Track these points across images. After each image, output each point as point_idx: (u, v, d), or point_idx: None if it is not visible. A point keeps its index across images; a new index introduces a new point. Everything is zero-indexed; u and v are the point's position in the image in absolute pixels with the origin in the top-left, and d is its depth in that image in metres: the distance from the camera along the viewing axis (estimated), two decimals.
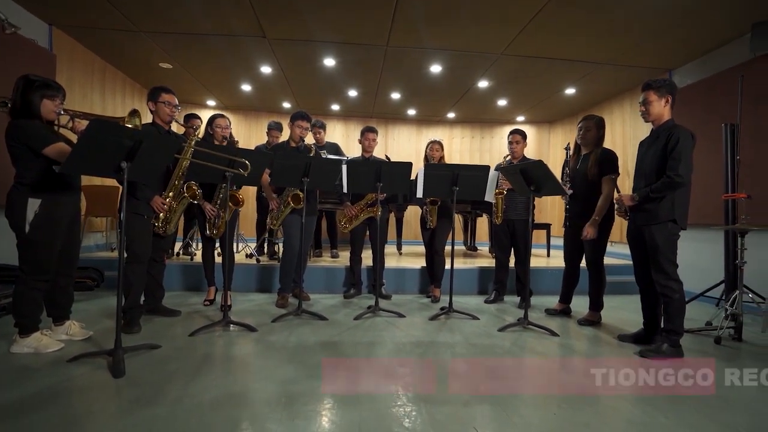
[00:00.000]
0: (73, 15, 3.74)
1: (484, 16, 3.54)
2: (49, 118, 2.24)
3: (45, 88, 2.21)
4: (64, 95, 2.32)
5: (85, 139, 1.87)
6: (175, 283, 3.93)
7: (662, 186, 2.36)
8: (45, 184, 2.17)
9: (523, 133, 3.75)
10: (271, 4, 3.46)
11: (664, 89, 2.47)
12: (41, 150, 2.12)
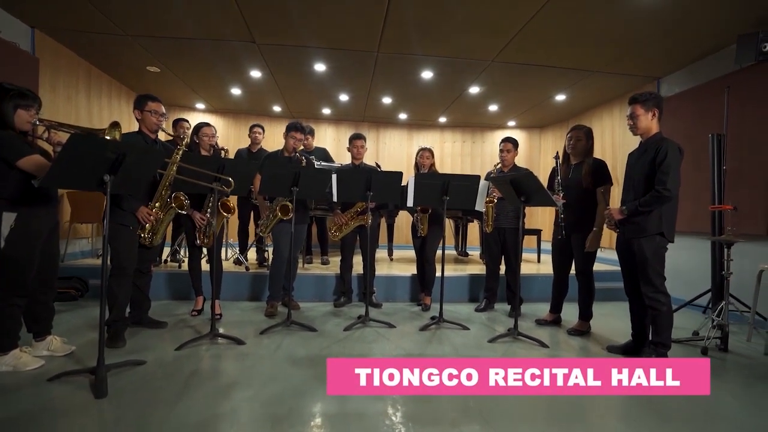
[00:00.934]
0: (57, 18, 3.65)
1: (474, 25, 3.53)
2: (24, 128, 2.18)
3: (19, 97, 2.15)
4: (39, 105, 2.25)
5: (65, 153, 1.81)
6: (162, 292, 3.86)
7: (651, 200, 2.37)
8: (21, 196, 2.10)
9: (514, 141, 3.75)
10: (260, 11, 3.41)
11: (650, 102, 2.48)
12: (15, 162, 2.05)
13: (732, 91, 3.53)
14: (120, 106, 5.44)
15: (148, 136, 2.83)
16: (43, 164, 2.11)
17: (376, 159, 7.01)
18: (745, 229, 3.46)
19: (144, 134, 2.82)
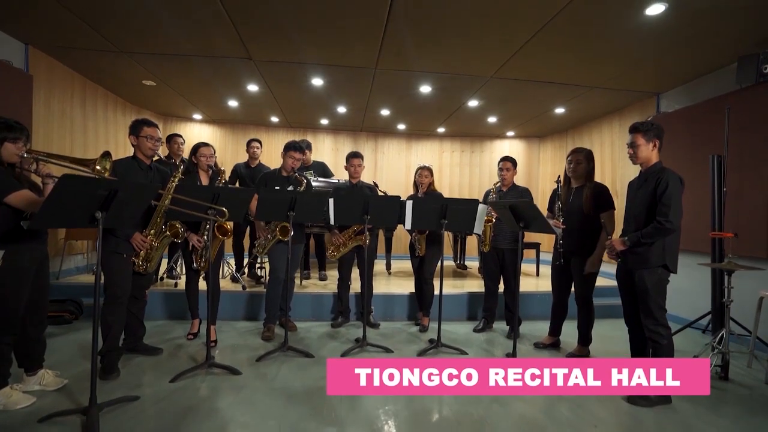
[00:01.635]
0: (50, 35, 3.60)
1: (472, 43, 3.49)
2: (11, 161, 2.13)
3: (7, 130, 2.10)
4: (28, 137, 2.20)
5: (55, 195, 1.77)
6: (158, 312, 3.83)
7: (653, 231, 2.34)
8: (8, 233, 2.06)
9: (513, 160, 3.72)
10: (256, 29, 3.37)
11: (651, 133, 2.45)
12: (3, 198, 2.01)
13: (732, 112, 3.50)
14: (116, 117, 5.39)
15: (143, 161, 2.79)
16: (33, 199, 2.07)
17: (375, 169, 6.99)
18: (745, 251, 3.44)
19: (139, 160, 2.77)
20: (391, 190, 6.84)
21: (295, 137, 6.79)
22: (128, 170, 2.70)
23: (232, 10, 3.05)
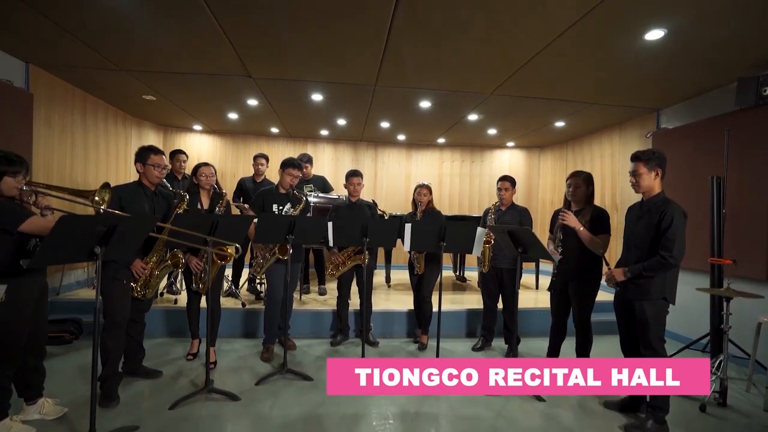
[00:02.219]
0: (50, 54, 3.61)
1: (472, 63, 3.49)
2: (11, 195, 2.14)
3: (6, 164, 2.11)
4: (27, 169, 2.21)
5: (54, 235, 1.78)
6: (158, 330, 3.84)
7: (656, 265, 2.34)
8: (9, 267, 2.07)
9: (512, 180, 3.72)
10: (256, 50, 3.37)
11: (653, 162, 2.44)
12: (17, 227, 2.02)
13: (732, 132, 3.50)
14: (116, 129, 5.39)
15: (148, 188, 2.80)
16: (43, 224, 2.08)
17: (375, 179, 7.00)
18: (744, 273, 3.45)
19: (144, 186, 2.79)
20: (390, 200, 6.91)
21: (296, 147, 6.80)
22: (134, 197, 2.71)
23: (231, 32, 3.05)
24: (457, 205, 7.09)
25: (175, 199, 2.94)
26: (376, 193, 6.92)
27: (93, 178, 4.86)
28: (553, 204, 6.68)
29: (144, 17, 2.84)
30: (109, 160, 5.23)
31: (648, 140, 4.66)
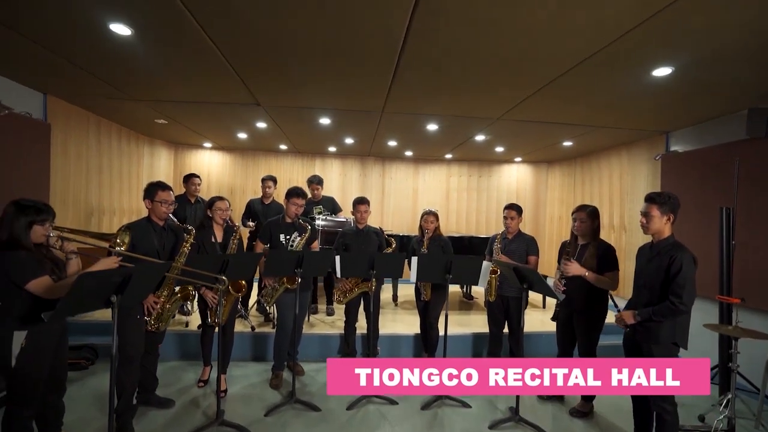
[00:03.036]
0: (66, 86, 3.72)
1: (479, 93, 3.51)
2: (38, 242, 2.23)
3: (36, 213, 2.19)
4: (53, 216, 2.30)
5: (74, 293, 1.86)
6: (169, 352, 3.92)
7: (665, 311, 2.33)
8: (30, 314, 2.16)
9: (518, 208, 3.73)
10: (264, 83, 3.43)
11: (667, 207, 2.42)
12: (24, 285, 2.10)
13: (743, 161, 3.47)
14: (129, 148, 5.50)
15: (156, 224, 2.88)
16: (51, 287, 2.15)
17: (382, 194, 7.04)
18: (755, 304, 3.42)
19: (153, 222, 2.87)
20: (398, 215, 6.96)
21: (304, 163, 6.88)
22: (143, 233, 2.79)
23: (240, 69, 3.12)
24: (464, 220, 7.10)
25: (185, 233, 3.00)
26: (384, 208, 6.97)
27: (107, 199, 4.98)
28: (561, 219, 6.66)
29: (155, 55, 2.92)
30: (122, 181, 5.35)
31: (657, 162, 4.63)
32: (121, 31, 2.50)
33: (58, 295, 2.15)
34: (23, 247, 2.15)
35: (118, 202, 5.23)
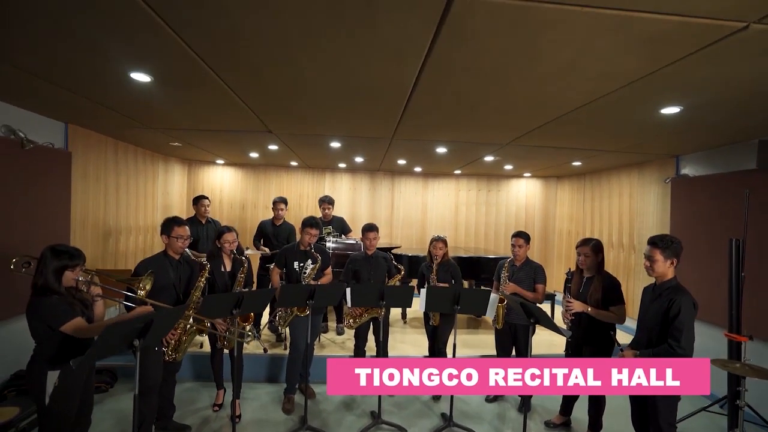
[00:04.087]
0: (87, 117, 3.84)
1: (486, 128, 3.56)
2: (69, 285, 2.35)
3: (68, 259, 2.30)
4: (84, 261, 2.42)
5: (101, 342, 1.96)
6: (184, 373, 4.03)
7: (664, 354, 2.36)
8: (62, 354, 2.28)
9: (526, 236, 3.76)
10: (275, 115, 3.52)
11: (670, 251, 2.45)
12: (58, 328, 2.22)
13: (753, 192, 3.46)
14: (145, 166, 5.63)
15: (172, 258, 2.99)
16: (83, 327, 2.28)
17: (392, 208, 7.11)
18: (761, 335, 3.42)
19: (170, 257, 2.98)
20: (407, 230, 7.02)
21: (314, 178, 6.98)
22: (160, 268, 2.90)
23: (253, 105, 3.20)
24: (473, 234, 7.14)
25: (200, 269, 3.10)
26: (393, 222, 7.04)
27: (123, 218, 5.13)
28: (570, 234, 6.66)
29: (173, 96, 3.02)
30: (138, 199, 5.49)
31: (667, 185, 4.62)
32: (141, 78, 2.60)
33: (88, 336, 2.28)
34: (56, 292, 2.27)
35: (134, 220, 5.38)
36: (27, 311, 2.24)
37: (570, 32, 1.76)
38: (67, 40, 2.05)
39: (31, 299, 2.26)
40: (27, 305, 2.25)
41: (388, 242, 6.62)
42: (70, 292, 2.36)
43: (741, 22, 1.64)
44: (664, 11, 1.57)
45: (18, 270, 2.46)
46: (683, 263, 2.55)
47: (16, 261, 2.45)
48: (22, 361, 3.34)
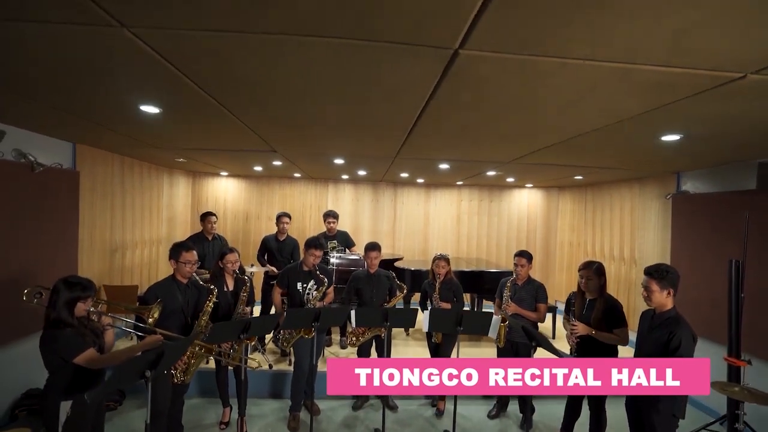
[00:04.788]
0: (95, 139, 3.90)
1: (487, 151, 3.60)
2: (80, 315, 2.40)
3: (81, 290, 2.35)
4: (96, 292, 2.47)
5: (114, 379, 2.02)
6: (191, 389, 4.08)
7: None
8: (74, 385, 2.33)
9: (528, 255, 3.79)
10: (281, 139, 3.57)
11: (666, 282, 2.50)
12: (72, 360, 2.28)
13: (752, 213, 3.49)
14: (150, 179, 5.67)
15: (180, 282, 3.04)
16: (95, 358, 2.33)
17: (394, 219, 7.16)
18: (761, 354, 3.46)
19: (177, 281, 3.03)
20: (409, 240, 7.08)
21: (317, 188, 7.03)
22: (167, 292, 2.96)
23: (259, 130, 3.25)
24: (476, 244, 7.18)
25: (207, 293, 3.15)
26: (395, 232, 7.09)
27: (129, 233, 5.18)
28: (571, 245, 6.70)
29: (182, 125, 3.08)
30: (144, 212, 5.55)
31: (668, 202, 4.66)
32: (150, 110, 2.65)
33: (101, 366, 2.35)
34: (68, 325, 2.32)
35: (139, 234, 5.44)
36: (41, 343, 2.29)
37: (571, 80, 1.81)
38: (83, 84, 2.10)
39: (44, 332, 2.31)
40: (40, 337, 2.30)
41: (390, 252, 6.66)
42: (82, 322, 2.42)
43: (739, 73, 1.68)
44: (665, 64, 1.61)
45: (30, 300, 2.52)
46: (684, 281, 2.58)
47: (28, 291, 2.51)
48: (32, 380, 3.45)
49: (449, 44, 1.51)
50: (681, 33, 1.35)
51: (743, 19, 1.26)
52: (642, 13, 1.25)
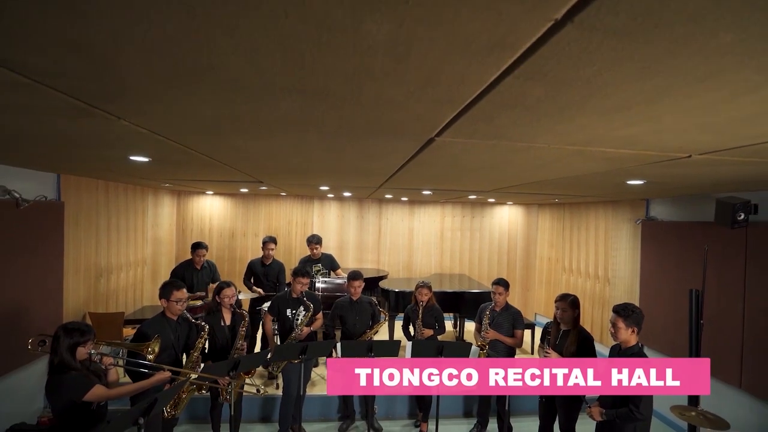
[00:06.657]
0: (80, 170, 3.92)
1: (469, 184, 3.77)
2: (82, 359, 2.48)
3: (80, 335, 2.43)
4: (94, 335, 2.55)
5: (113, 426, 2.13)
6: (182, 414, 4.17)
7: (625, 416, 2.60)
8: (80, 425, 2.42)
9: (505, 283, 3.98)
10: (267, 175, 3.67)
11: (631, 320, 2.69)
12: (81, 399, 2.37)
13: (711, 244, 3.75)
14: (135, 204, 5.65)
15: (171, 319, 3.13)
16: (103, 394, 2.45)
17: (379, 234, 7.31)
18: (720, 377, 3.74)
19: (168, 318, 3.12)
20: (393, 256, 7.23)
21: (302, 205, 7.12)
22: (161, 330, 3.04)
23: (245, 169, 3.35)
24: (458, 259, 7.38)
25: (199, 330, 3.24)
26: (380, 248, 7.23)
27: (114, 257, 5.19)
28: (550, 260, 6.96)
29: (170, 169, 3.15)
30: (129, 235, 5.54)
31: (638, 226, 4.92)
32: (139, 159, 2.73)
33: (109, 399, 2.51)
34: (72, 368, 2.40)
35: (125, 257, 5.44)
36: (47, 390, 2.39)
37: (537, 155, 1.98)
38: (75, 149, 2.18)
39: (49, 378, 2.40)
40: (46, 384, 2.40)
41: (375, 268, 6.81)
42: (85, 365, 2.50)
43: (685, 154, 1.87)
44: (618, 148, 1.79)
45: (35, 349, 2.60)
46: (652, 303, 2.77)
47: (32, 341, 2.59)
48: (19, 414, 3.48)
49: (426, 135, 1.66)
50: (631, 137, 1.53)
51: (688, 134, 1.44)
52: (596, 125, 1.42)
